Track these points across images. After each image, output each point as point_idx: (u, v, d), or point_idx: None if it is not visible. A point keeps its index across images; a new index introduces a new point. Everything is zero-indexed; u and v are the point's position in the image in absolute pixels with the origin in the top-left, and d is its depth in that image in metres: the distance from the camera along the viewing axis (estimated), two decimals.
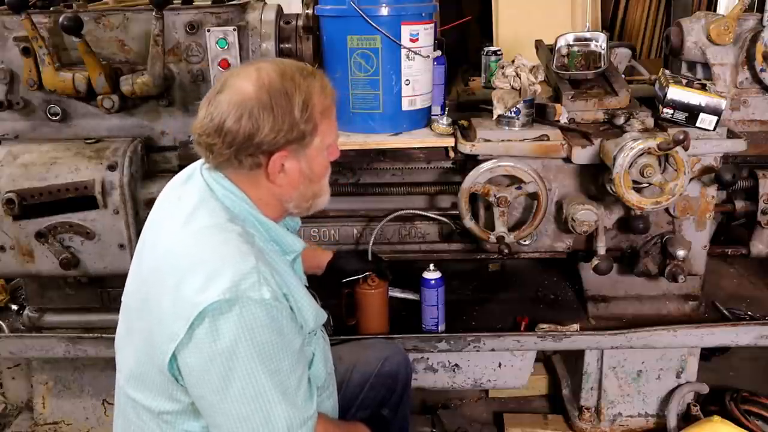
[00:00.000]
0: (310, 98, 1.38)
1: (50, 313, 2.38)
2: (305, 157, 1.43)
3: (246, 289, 1.28)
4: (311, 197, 1.51)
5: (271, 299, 1.31)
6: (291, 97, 1.36)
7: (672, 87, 2.07)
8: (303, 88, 1.38)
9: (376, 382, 1.86)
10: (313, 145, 1.43)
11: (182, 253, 1.36)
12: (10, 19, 2.09)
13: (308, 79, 1.40)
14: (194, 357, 1.30)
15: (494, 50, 2.60)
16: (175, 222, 1.43)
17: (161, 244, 1.43)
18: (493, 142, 2.08)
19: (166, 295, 1.34)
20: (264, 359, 1.30)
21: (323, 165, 1.49)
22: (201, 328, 1.28)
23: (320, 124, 1.41)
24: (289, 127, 1.36)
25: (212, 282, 1.28)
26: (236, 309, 1.27)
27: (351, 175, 2.38)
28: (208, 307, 1.26)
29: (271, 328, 1.31)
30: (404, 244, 2.40)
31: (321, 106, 1.41)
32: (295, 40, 2.19)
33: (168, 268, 1.37)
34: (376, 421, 1.85)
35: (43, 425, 2.49)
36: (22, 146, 2.14)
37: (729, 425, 2.13)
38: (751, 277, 2.62)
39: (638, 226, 2.11)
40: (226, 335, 1.27)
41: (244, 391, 1.30)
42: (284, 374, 1.34)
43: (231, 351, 1.28)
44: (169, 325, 1.31)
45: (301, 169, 1.43)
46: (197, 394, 1.35)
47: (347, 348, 1.96)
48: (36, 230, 2.08)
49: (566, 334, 2.22)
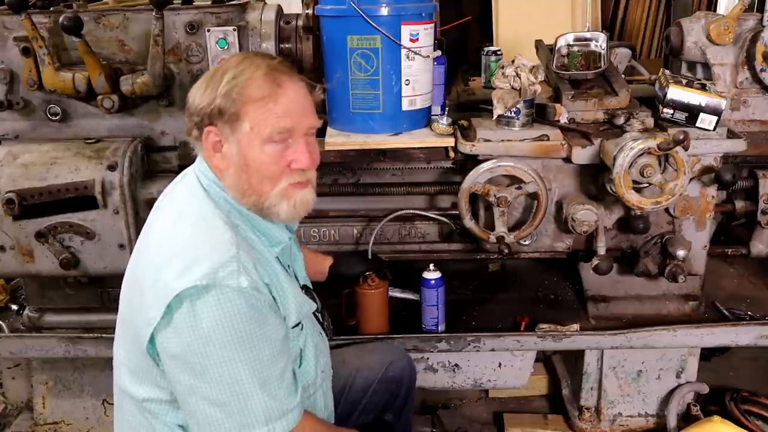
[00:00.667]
0: (245, 79, 1.41)
1: (50, 313, 2.38)
2: (237, 142, 1.43)
3: (224, 276, 1.30)
4: (251, 191, 1.46)
5: (249, 288, 1.32)
6: (225, 72, 1.42)
7: (672, 87, 2.07)
8: (242, 69, 1.42)
9: (380, 387, 1.85)
10: (242, 130, 1.42)
11: (165, 244, 1.40)
12: (10, 19, 2.09)
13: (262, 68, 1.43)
14: (173, 340, 1.31)
15: (494, 50, 2.60)
16: (166, 219, 1.46)
17: (151, 238, 1.46)
18: (493, 142, 2.08)
19: (148, 284, 1.36)
20: (242, 347, 1.30)
21: (260, 160, 1.43)
22: (179, 311, 1.29)
23: (249, 110, 1.40)
24: (210, 99, 1.41)
25: (190, 268, 1.30)
26: (214, 294, 1.29)
27: (351, 175, 2.38)
28: (184, 291, 1.28)
29: (249, 316, 1.31)
30: (404, 244, 2.40)
31: (255, 92, 1.41)
32: (295, 40, 2.19)
33: (152, 258, 1.40)
34: (379, 426, 1.84)
35: (43, 425, 2.49)
36: (22, 146, 2.14)
37: (729, 425, 2.13)
38: (751, 277, 2.62)
39: (638, 226, 2.11)
40: (204, 319, 1.28)
41: (221, 377, 1.30)
42: (264, 364, 1.34)
43: (209, 335, 1.28)
44: (148, 309, 1.33)
45: (232, 153, 1.44)
46: (175, 378, 1.35)
47: (351, 351, 1.95)
48: (36, 230, 2.08)
49: (566, 334, 2.22)
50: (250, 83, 1.40)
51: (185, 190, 1.49)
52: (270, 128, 1.42)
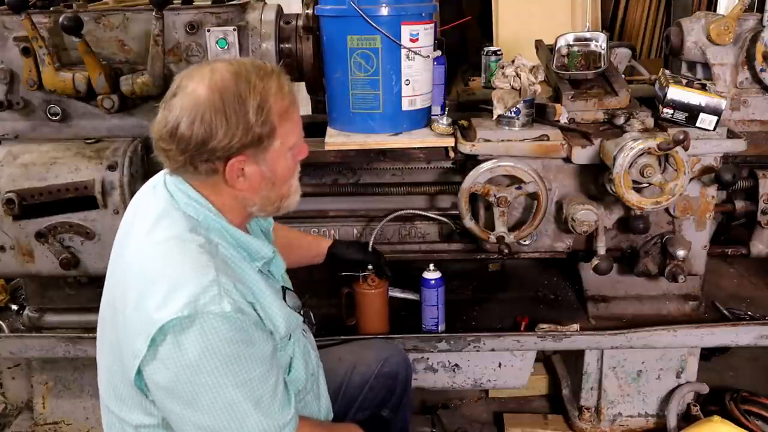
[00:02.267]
0: (266, 100, 1.33)
1: (50, 313, 2.38)
2: (265, 161, 1.38)
3: (206, 303, 1.26)
4: (277, 199, 1.46)
5: (232, 311, 1.28)
6: (245, 100, 1.31)
7: (672, 87, 2.07)
8: (258, 90, 1.33)
9: (376, 382, 1.85)
10: (273, 147, 1.38)
11: (143, 267, 1.34)
12: (10, 19, 2.09)
13: (265, 79, 1.35)
14: (160, 373, 1.28)
15: (494, 50, 2.60)
16: (139, 233, 1.41)
17: (126, 255, 1.42)
18: (493, 142, 2.08)
19: (129, 309, 1.32)
20: (232, 371, 1.28)
21: (287, 167, 1.43)
22: (164, 345, 1.26)
23: (279, 127, 1.36)
24: (244, 131, 1.31)
25: (171, 297, 1.26)
26: (197, 324, 1.25)
27: (351, 175, 2.38)
28: (167, 324, 1.24)
29: (235, 339, 1.28)
30: (404, 244, 2.40)
31: (279, 107, 1.35)
32: (295, 40, 2.19)
33: (131, 280, 1.35)
34: (376, 421, 1.84)
35: (43, 425, 2.49)
36: (22, 146, 2.14)
37: (729, 425, 2.13)
38: (751, 277, 2.62)
39: (638, 226, 2.11)
40: (190, 350, 1.25)
41: (214, 404, 1.28)
42: (256, 383, 1.31)
43: (197, 365, 1.26)
44: (132, 340, 1.29)
45: (262, 173, 1.39)
46: (167, 409, 1.33)
47: (347, 348, 1.96)
48: (36, 230, 2.08)
49: (566, 334, 2.22)
50: (272, 102, 1.34)
51: (157, 208, 1.41)
52: (295, 137, 1.42)
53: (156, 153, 1.38)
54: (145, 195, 1.51)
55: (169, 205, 1.40)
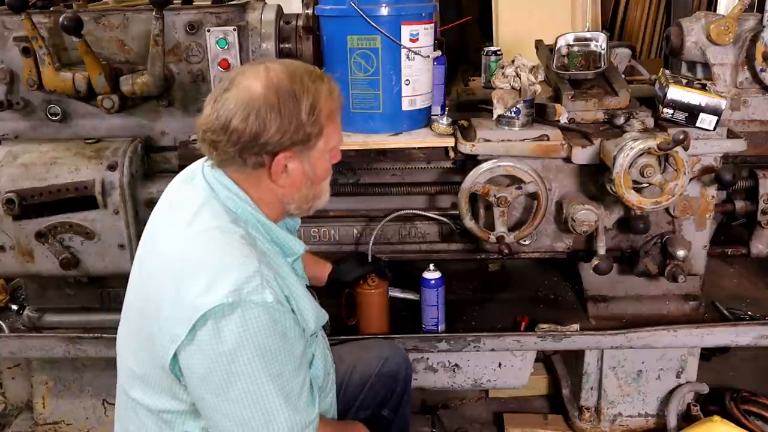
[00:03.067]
0: (317, 101, 1.39)
1: (50, 313, 2.38)
2: (308, 158, 1.44)
3: (249, 292, 1.28)
4: (312, 198, 1.52)
5: (274, 302, 1.31)
6: (299, 99, 1.37)
7: (672, 87, 2.07)
8: (311, 91, 1.39)
9: (376, 382, 1.86)
10: (317, 147, 1.43)
11: (184, 256, 1.36)
12: (10, 19, 2.09)
13: (317, 82, 1.41)
14: (196, 358, 1.30)
15: (494, 50, 2.60)
16: (177, 224, 1.43)
17: (163, 246, 1.43)
18: (493, 142, 2.08)
19: (168, 298, 1.33)
20: (266, 362, 1.30)
21: (325, 168, 1.50)
22: (203, 330, 1.28)
23: (326, 127, 1.43)
24: (296, 128, 1.37)
25: (215, 285, 1.28)
26: (239, 312, 1.27)
27: (351, 175, 2.38)
28: (210, 311, 1.26)
29: (274, 331, 1.30)
30: (404, 244, 2.40)
31: (327, 109, 1.42)
32: (295, 40, 2.19)
33: (169, 270, 1.36)
34: (377, 421, 1.85)
35: (43, 425, 2.49)
36: (22, 146, 2.15)
37: (729, 425, 2.13)
38: (751, 277, 2.62)
39: (638, 226, 2.11)
40: (228, 338, 1.27)
41: (245, 394, 1.29)
42: (286, 378, 1.33)
43: (233, 353, 1.27)
44: (170, 326, 1.31)
45: (304, 170, 1.44)
46: (198, 395, 1.34)
47: (347, 348, 1.96)
48: (36, 230, 2.08)
49: (566, 334, 2.22)
50: (323, 103, 1.40)
51: (197, 199, 1.43)
52: (338, 138, 1.49)
53: (200, 145, 1.42)
54: (180, 187, 1.54)
55: (210, 196, 1.43)
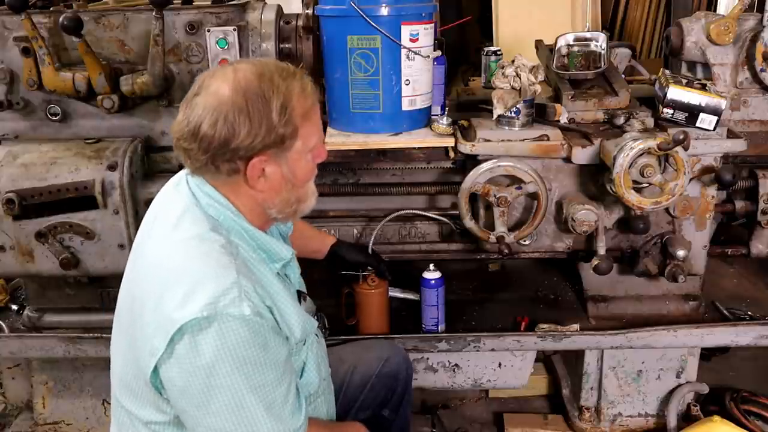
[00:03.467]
0: (289, 100, 1.34)
1: (50, 313, 2.38)
2: (286, 161, 1.39)
3: (226, 305, 1.26)
4: (295, 202, 1.46)
5: (252, 315, 1.28)
6: (269, 100, 1.32)
7: (672, 87, 2.07)
8: (282, 90, 1.33)
9: (377, 382, 1.86)
10: (294, 148, 1.38)
11: (164, 264, 1.35)
12: (10, 19, 2.09)
13: (288, 80, 1.35)
14: (175, 371, 1.28)
15: (494, 50, 2.60)
16: (161, 230, 1.41)
17: (148, 252, 1.42)
18: (493, 142, 2.08)
19: (148, 307, 1.32)
20: (246, 374, 1.28)
21: (306, 168, 1.44)
22: (181, 344, 1.26)
23: (301, 127, 1.37)
24: (267, 131, 1.32)
25: (191, 298, 1.26)
26: (215, 326, 1.25)
27: (351, 175, 2.38)
28: (186, 324, 1.25)
29: (252, 343, 1.28)
30: (404, 244, 2.40)
31: (301, 108, 1.36)
32: (295, 40, 2.19)
33: (151, 278, 1.35)
34: (377, 421, 1.85)
35: (43, 425, 2.49)
36: (22, 146, 2.14)
37: (729, 425, 2.13)
38: (751, 277, 2.62)
39: (638, 226, 2.11)
40: (206, 352, 1.25)
41: (226, 407, 1.28)
42: (269, 388, 1.32)
43: (212, 367, 1.26)
44: (150, 338, 1.30)
45: (282, 173, 1.39)
46: (180, 408, 1.33)
47: (348, 349, 1.96)
48: (36, 230, 2.08)
49: (566, 334, 2.22)
50: (295, 102, 1.35)
51: (180, 205, 1.42)
52: (317, 137, 1.43)
53: (177, 152, 1.39)
54: (167, 193, 1.52)
55: (192, 203, 1.41)
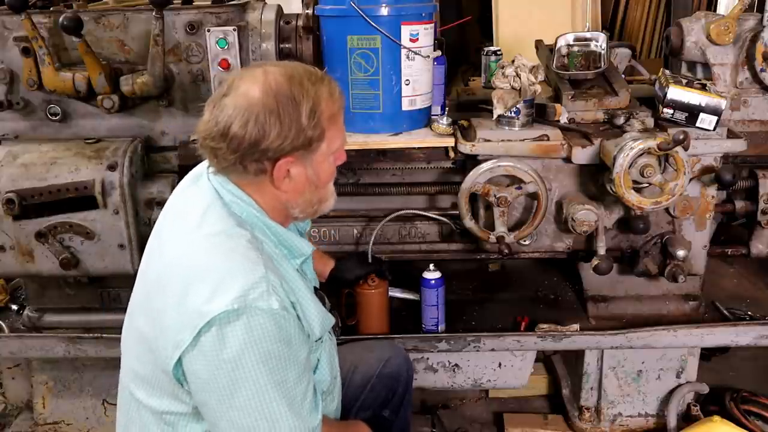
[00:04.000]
0: (318, 104, 1.36)
1: (50, 313, 2.38)
2: (311, 162, 1.41)
3: (255, 299, 1.27)
4: (317, 202, 1.49)
5: (280, 309, 1.30)
6: (299, 103, 1.34)
7: (672, 87, 2.07)
8: (311, 94, 1.36)
9: (377, 383, 1.86)
10: (320, 150, 1.41)
11: (189, 260, 1.35)
12: (10, 19, 2.09)
13: (317, 84, 1.38)
14: (200, 364, 1.29)
15: (494, 50, 2.60)
16: (182, 228, 1.42)
17: (169, 249, 1.42)
18: (493, 142, 2.08)
19: (172, 302, 1.32)
20: (270, 369, 1.29)
21: (329, 171, 1.47)
22: (207, 336, 1.27)
23: (327, 130, 1.40)
24: (296, 133, 1.34)
25: (220, 291, 1.27)
26: (244, 319, 1.26)
27: (351, 175, 2.38)
28: (215, 317, 1.25)
29: (278, 338, 1.29)
30: (404, 244, 2.40)
31: (329, 112, 1.39)
32: (295, 40, 2.19)
33: (174, 274, 1.36)
34: (377, 422, 1.84)
35: (43, 425, 2.49)
36: (22, 146, 2.14)
37: (729, 425, 2.13)
38: (751, 277, 2.62)
39: (638, 226, 2.11)
40: (233, 344, 1.26)
41: (249, 401, 1.29)
42: (290, 385, 1.33)
43: (237, 360, 1.27)
44: (175, 332, 1.30)
45: (307, 175, 1.42)
46: (201, 400, 1.34)
47: (349, 349, 1.96)
48: (36, 230, 2.08)
49: (566, 334, 2.22)
50: (324, 106, 1.37)
51: (203, 202, 1.42)
52: (341, 140, 1.46)
53: (202, 151, 1.40)
54: (184, 191, 1.53)
55: (215, 200, 1.42)
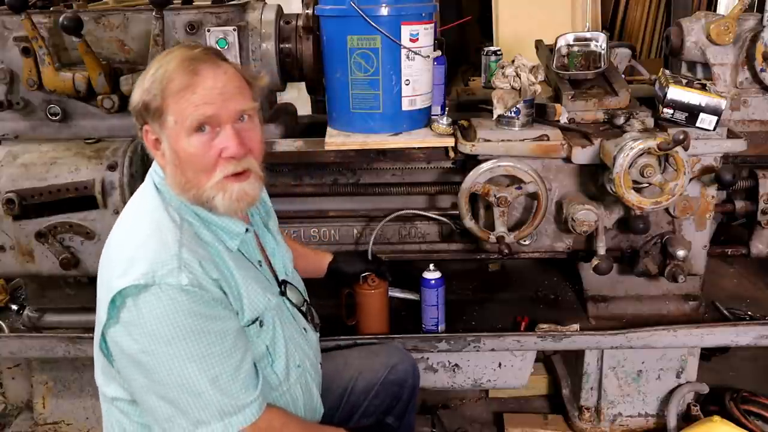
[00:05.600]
0: (163, 72, 1.37)
1: (50, 313, 2.38)
2: (166, 136, 1.41)
3: (163, 275, 1.30)
4: (191, 187, 1.42)
5: (189, 285, 1.31)
6: (149, 68, 1.40)
7: (672, 87, 2.07)
8: (167, 59, 1.39)
9: (382, 389, 1.84)
10: (168, 124, 1.39)
11: (115, 241, 1.44)
12: (10, 19, 2.09)
13: (184, 52, 1.39)
14: (122, 338, 1.33)
15: (494, 50, 2.59)
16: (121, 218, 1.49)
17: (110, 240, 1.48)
18: (493, 142, 2.08)
19: (101, 282, 1.40)
20: (188, 343, 1.30)
21: (189, 152, 1.39)
22: (125, 310, 1.31)
23: (171, 103, 1.37)
24: (138, 97, 1.40)
25: (131, 267, 1.31)
26: (153, 291, 1.29)
27: (351, 175, 2.38)
28: (124, 290, 1.29)
29: (194, 312, 1.31)
30: (404, 244, 2.40)
31: (177, 83, 1.36)
32: (295, 40, 2.19)
33: (105, 256, 1.44)
34: (381, 429, 1.84)
35: (43, 425, 2.49)
36: (22, 146, 2.14)
37: (729, 425, 2.13)
38: (751, 277, 2.62)
39: (638, 226, 2.11)
40: (147, 317, 1.29)
41: (169, 375, 1.31)
42: (215, 359, 1.33)
43: (154, 333, 1.29)
44: (99, 310, 1.37)
45: (164, 148, 1.43)
46: (129, 377, 1.37)
47: (354, 353, 1.94)
48: (36, 230, 2.08)
49: (566, 334, 2.22)
50: (168, 76, 1.37)
51: (140, 189, 1.51)
52: (190, 118, 1.38)
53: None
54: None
55: (148, 181, 1.49)
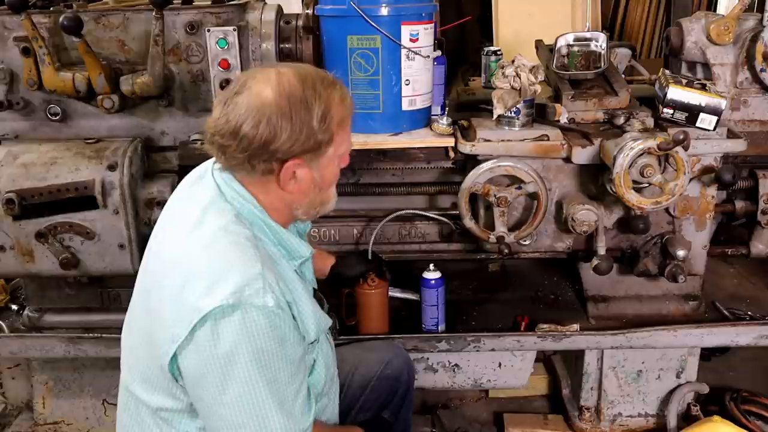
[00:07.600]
0: (329, 109, 1.38)
1: (50, 313, 2.38)
2: (318, 165, 1.42)
3: (250, 295, 1.28)
4: (319, 204, 1.51)
5: (275, 307, 1.30)
6: (311, 106, 1.35)
7: (672, 87, 2.07)
8: (323, 98, 1.37)
9: (378, 384, 1.85)
10: (327, 154, 1.42)
11: (188, 256, 1.36)
12: (10, 19, 2.09)
13: (329, 88, 1.39)
14: (194, 359, 1.30)
15: (494, 50, 2.60)
16: (183, 224, 1.43)
17: (169, 245, 1.44)
18: (493, 142, 2.08)
19: (170, 298, 1.33)
20: (262, 367, 1.29)
21: (334, 173, 1.49)
22: (202, 330, 1.28)
23: (336, 135, 1.41)
24: (306, 136, 1.36)
25: (216, 287, 1.28)
26: (238, 314, 1.27)
27: (351, 175, 2.38)
28: (210, 312, 1.26)
29: (272, 336, 1.30)
30: (404, 244, 2.40)
31: (339, 116, 1.40)
32: (295, 40, 2.19)
33: (173, 270, 1.37)
34: (378, 423, 1.84)
35: (43, 425, 2.49)
36: (22, 146, 2.14)
37: (729, 425, 2.13)
38: (751, 277, 2.62)
39: (638, 226, 2.11)
40: (226, 340, 1.27)
41: (240, 398, 1.29)
42: (282, 384, 1.33)
43: (230, 356, 1.27)
44: (171, 326, 1.31)
45: (312, 177, 1.43)
46: (195, 396, 1.35)
47: (350, 349, 1.95)
48: (36, 230, 2.08)
49: (566, 334, 2.22)
50: (334, 111, 1.39)
51: (205, 198, 1.43)
52: (347, 144, 1.48)
53: (208, 147, 1.41)
54: (189, 187, 1.54)
55: (217, 196, 1.43)
